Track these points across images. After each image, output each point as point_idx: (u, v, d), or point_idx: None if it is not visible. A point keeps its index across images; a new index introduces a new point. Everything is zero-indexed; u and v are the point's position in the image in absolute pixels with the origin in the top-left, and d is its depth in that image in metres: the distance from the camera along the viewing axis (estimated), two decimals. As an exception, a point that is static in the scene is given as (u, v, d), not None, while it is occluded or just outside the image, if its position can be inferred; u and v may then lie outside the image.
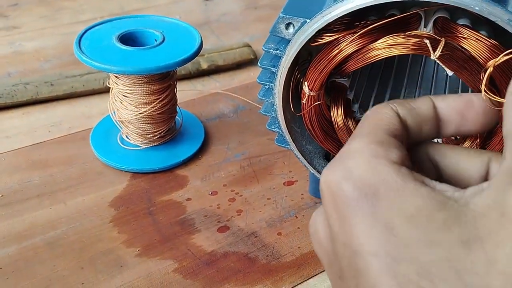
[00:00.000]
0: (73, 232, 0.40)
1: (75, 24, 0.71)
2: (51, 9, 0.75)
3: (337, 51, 0.34)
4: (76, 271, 0.37)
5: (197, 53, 0.44)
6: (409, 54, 0.46)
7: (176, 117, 0.49)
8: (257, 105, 0.55)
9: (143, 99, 0.44)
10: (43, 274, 0.37)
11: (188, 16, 0.74)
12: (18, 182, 0.44)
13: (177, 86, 0.47)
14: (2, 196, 0.43)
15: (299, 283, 0.37)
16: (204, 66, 0.60)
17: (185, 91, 0.56)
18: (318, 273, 0.37)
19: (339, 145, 0.39)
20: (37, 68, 0.61)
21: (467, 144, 0.36)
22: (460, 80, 0.42)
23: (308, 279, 0.37)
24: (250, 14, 0.78)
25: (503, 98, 0.23)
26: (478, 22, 0.33)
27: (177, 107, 0.48)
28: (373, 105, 0.42)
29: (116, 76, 0.44)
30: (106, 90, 0.56)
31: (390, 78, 0.45)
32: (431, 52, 0.31)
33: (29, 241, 0.39)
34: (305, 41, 0.33)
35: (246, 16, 0.77)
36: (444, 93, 0.43)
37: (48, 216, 0.41)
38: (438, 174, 0.25)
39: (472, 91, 0.38)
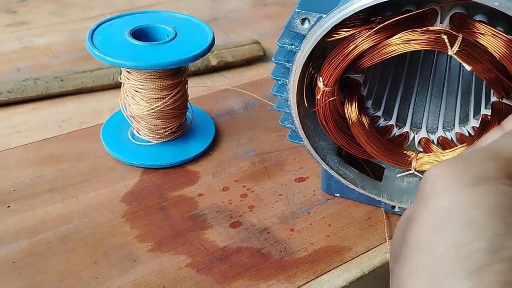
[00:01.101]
0: (86, 227, 0.40)
1: (84, 20, 0.71)
2: (60, 5, 0.75)
3: (353, 46, 0.34)
4: (89, 266, 0.37)
5: (209, 48, 0.44)
6: (423, 51, 0.46)
7: (187, 113, 0.49)
8: (267, 101, 0.55)
9: (155, 94, 0.44)
10: (56, 268, 0.37)
11: (196, 12, 0.74)
12: (29, 176, 0.44)
13: (188, 80, 0.47)
14: (14, 190, 0.43)
15: (313, 279, 0.37)
16: (214, 62, 0.60)
17: (194, 88, 0.56)
18: (332, 269, 0.37)
19: (353, 141, 0.39)
20: (46, 64, 0.61)
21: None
22: (474, 77, 0.42)
23: (322, 275, 0.37)
24: (258, 11, 0.77)
25: None
26: (495, 18, 0.33)
27: (188, 103, 0.48)
28: (386, 101, 0.42)
29: (128, 71, 0.44)
30: (116, 86, 0.56)
31: (403, 75, 0.45)
32: (449, 47, 0.31)
33: (41, 236, 0.39)
34: (321, 37, 0.33)
35: (254, 13, 0.77)
36: (457, 90, 0.43)
37: (60, 211, 0.41)
38: None
39: (487, 86, 0.38)
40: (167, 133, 0.47)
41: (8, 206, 0.41)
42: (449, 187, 0.20)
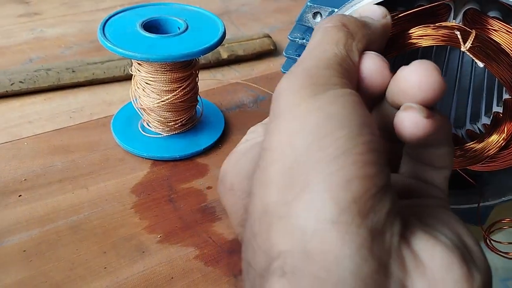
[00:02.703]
0: (96, 217, 0.40)
1: (95, 11, 0.71)
2: (72, -3, 0.75)
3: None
4: (98, 255, 0.37)
5: (220, 41, 0.44)
6: (435, 47, 0.46)
7: (197, 106, 0.49)
8: (277, 95, 0.55)
9: (165, 86, 0.44)
10: (66, 257, 0.37)
11: (207, 6, 0.74)
12: (40, 166, 0.45)
13: (198, 73, 0.47)
14: (25, 180, 0.43)
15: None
16: (224, 56, 0.60)
17: (204, 80, 0.57)
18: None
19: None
20: (58, 54, 0.61)
21: (493, 138, 0.36)
22: (486, 74, 0.42)
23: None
24: (270, 5, 0.77)
25: None
26: (509, 15, 0.33)
27: (198, 96, 0.49)
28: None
29: (139, 63, 0.44)
30: (127, 78, 0.56)
31: (414, 71, 0.45)
32: (462, 43, 0.31)
33: (52, 225, 0.39)
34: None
35: (265, 6, 0.77)
36: (469, 87, 0.43)
37: (70, 201, 0.42)
38: None
39: (499, 84, 0.37)
40: (177, 125, 0.47)
41: (20, 195, 0.42)
42: (301, 97, 0.21)
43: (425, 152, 0.26)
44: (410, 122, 0.22)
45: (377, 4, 0.31)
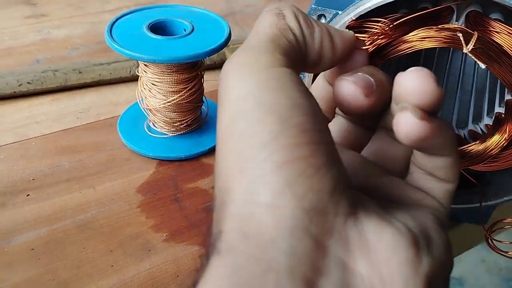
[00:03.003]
0: (102, 216, 0.41)
1: (101, 13, 0.72)
2: (78, -2, 0.76)
3: (369, 43, 0.34)
4: (105, 254, 0.38)
5: (226, 43, 0.44)
6: (438, 48, 0.46)
7: (202, 106, 0.50)
8: (281, 96, 0.55)
9: (171, 87, 0.45)
10: (74, 255, 0.38)
11: (212, 7, 0.75)
12: (48, 166, 0.45)
13: (204, 74, 0.48)
14: (33, 179, 0.44)
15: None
16: (229, 56, 0.61)
17: (210, 81, 0.57)
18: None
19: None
20: (65, 55, 0.62)
21: (495, 138, 0.36)
22: (488, 75, 0.42)
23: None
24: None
25: None
26: (511, 17, 0.33)
27: (203, 96, 0.49)
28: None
29: (145, 65, 0.45)
30: (133, 79, 0.57)
31: (417, 72, 0.45)
32: (464, 45, 0.32)
33: (59, 224, 0.40)
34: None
35: (270, 8, 0.77)
36: (471, 88, 0.43)
37: (77, 200, 0.42)
38: None
39: (502, 85, 0.38)
40: (183, 126, 0.48)
41: (28, 195, 0.42)
42: (239, 78, 0.21)
43: (428, 161, 0.26)
44: (405, 122, 0.22)
45: (379, 7, 0.32)
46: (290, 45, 0.24)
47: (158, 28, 0.46)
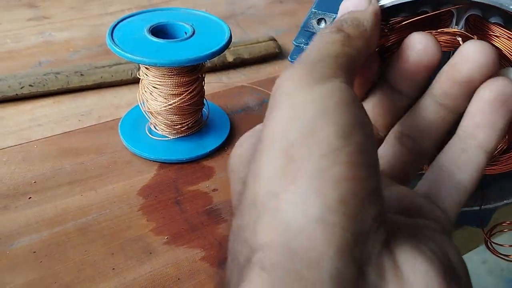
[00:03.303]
0: (104, 219, 0.41)
1: (103, 15, 0.72)
2: (80, 1, 0.76)
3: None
4: (107, 257, 0.38)
5: (226, 46, 0.45)
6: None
7: (203, 109, 0.50)
8: (282, 98, 0.55)
9: (172, 90, 0.45)
10: (75, 258, 0.38)
11: (214, 9, 0.75)
12: (50, 169, 0.46)
13: (204, 77, 0.48)
14: (35, 182, 0.44)
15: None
16: (230, 59, 0.61)
17: (211, 84, 0.57)
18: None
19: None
20: (67, 58, 0.62)
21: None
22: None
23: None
24: (276, 7, 0.78)
25: None
26: (511, 21, 0.33)
27: (204, 99, 0.49)
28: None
29: (146, 68, 0.45)
30: (134, 81, 0.57)
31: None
32: (463, 49, 0.32)
33: (61, 227, 0.40)
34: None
35: (271, 9, 0.77)
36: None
37: (79, 203, 0.42)
38: None
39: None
40: (184, 128, 0.48)
41: (30, 198, 0.43)
42: (299, 87, 0.21)
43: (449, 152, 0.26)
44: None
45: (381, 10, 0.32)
46: (351, 62, 0.23)
47: (159, 31, 0.46)
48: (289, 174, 0.19)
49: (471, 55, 0.25)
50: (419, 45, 0.27)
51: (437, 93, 0.27)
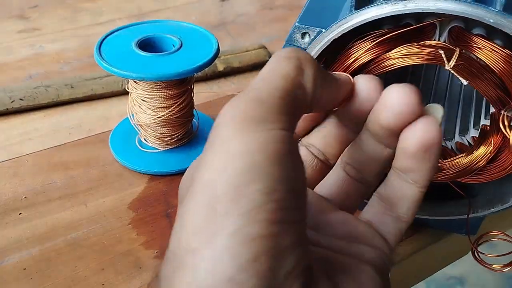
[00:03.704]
0: (94, 234, 0.41)
1: (94, 26, 0.72)
2: (71, 11, 0.76)
3: (352, 59, 0.34)
4: (96, 272, 0.38)
5: (214, 59, 0.45)
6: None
7: (193, 120, 0.50)
8: (273, 107, 0.56)
9: (161, 103, 0.45)
10: (65, 275, 0.38)
11: (204, 17, 0.75)
12: (40, 184, 0.46)
13: (193, 88, 0.48)
14: (25, 197, 0.44)
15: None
16: (220, 68, 0.61)
17: (201, 93, 0.57)
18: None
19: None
20: (58, 70, 0.63)
21: (481, 150, 0.36)
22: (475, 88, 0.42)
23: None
24: (266, 14, 0.78)
25: None
26: (493, 32, 0.34)
27: (194, 110, 0.49)
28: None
29: (135, 82, 0.45)
30: (125, 93, 0.57)
31: (405, 83, 0.46)
32: (446, 62, 0.32)
33: (51, 242, 0.40)
34: (321, 50, 0.34)
35: (262, 16, 0.78)
36: (458, 100, 0.44)
37: (69, 218, 0.42)
38: None
39: (487, 101, 0.38)
40: (173, 140, 0.48)
41: (20, 214, 0.43)
42: (237, 131, 0.20)
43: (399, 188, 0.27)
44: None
45: (363, 24, 0.32)
46: (296, 102, 0.23)
47: (147, 44, 0.46)
48: (209, 230, 0.19)
49: (389, 102, 0.25)
50: (362, 93, 0.26)
51: (370, 129, 0.27)
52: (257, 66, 0.64)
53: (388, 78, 0.45)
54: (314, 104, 0.24)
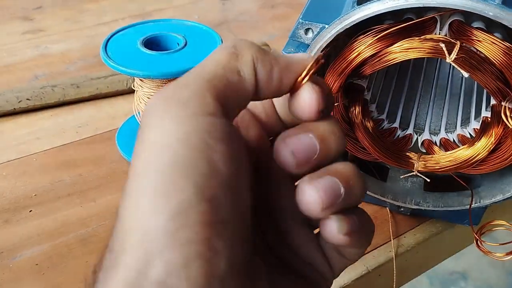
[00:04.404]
0: (103, 229, 0.42)
1: (98, 26, 0.73)
2: (75, 12, 0.77)
3: (355, 54, 0.35)
4: (107, 267, 0.39)
5: (218, 56, 0.45)
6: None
7: (198, 117, 0.51)
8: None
9: (167, 101, 0.46)
10: (77, 269, 0.39)
11: (206, 16, 0.76)
12: (49, 181, 0.47)
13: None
14: (35, 195, 0.45)
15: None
16: (224, 66, 0.62)
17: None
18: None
19: (358, 144, 0.40)
20: (63, 70, 0.63)
21: (483, 142, 0.37)
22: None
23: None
24: (267, 12, 0.79)
25: None
26: (493, 25, 0.34)
27: (199, 107, 0.50)
28: (389, 104, 0.43)
29: (141, 80, 0.46)
30: (130, 91, 0.58)
31: (407, 78, 0.46)
32: (447, 55, 0.32)
33: (62, 238, 0.41)
34: (324, 46, 0.35)
35: (263, 15, 0.78)
36: (460, 92, 0.44)
37: (79, 214, 0.43)
38: None
39: (487, 93, 0.39)
40: (180, 137, 0.49)
41: (30, 211, 0.44)
42: (161, 123, 0.19)
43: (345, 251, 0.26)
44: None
45: (365, 19, 0.33)
46: (230, 87, 0.21)
47: (152, 43, 0.47)
48: (139, 231, 0.18)
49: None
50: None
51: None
52: (259, 64, 0.64)
53: (390, 72, 0.46)
54: (260, 89, 0.22)
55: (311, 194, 0.22)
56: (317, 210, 0.22)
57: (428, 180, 0.39)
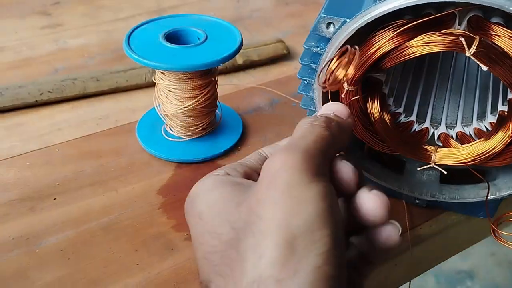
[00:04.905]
0: (126, 218, 0.43)
1: (115, 21, 0.74)
2: (92, 7, 0.78)
3: (375, 48, 0.36)
4: (131, 253, 0.40)
5: (238, 50, 0.46)
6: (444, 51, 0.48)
7: (216, 110, 0.52)
8: (291, 98, 0.57)
9: (187, 94, 0.47)
10: (101, 255, 0.40)
11: (221, 13, 0.77)
12: (72, 171, 0.48)
13: (217, 80, 0.50)
14: (58, 184, 0.46)
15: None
16: (240, 61, 0.63)
17: (222, 86, 0.59)
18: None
19: (375, 136, 0.41)
20: (82, 64, 0.65)
21: (499, 135, 0.38)
22: (492, 74, 0.44)
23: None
24: (282, 10, 0.80)
25: None
26: (511, 20, 0.35)
27: (217, 101, 0.51)
28: (406, 98, 0.44)
29: (162, 73, 0.47)
30: (148, 85, 0.59)
31: (423, 73, 0.47)
32: (466, 49, 0.33)
33: (85, 226, 0.42)
34: (345, 40, 0.36)
35: (277, 12, 0.79)
36: (475, 86, 0.45)
37: (101, 203, 0.44)
38: None
39: (504, 88, 0.39)
40: (198, 129, 0.50)
41: (54, 199, 0.45)
42: (299, 180, 0.25)
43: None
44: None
45: (385, 14, 0.34)
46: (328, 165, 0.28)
47: (173, 37, 0.48)
48: (291, 264, 0.23)
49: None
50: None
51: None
52: (275, 60, 0.66)
53: (407, 67, 0.47)
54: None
55: (377, 200, 0.29)
56: (385, 213, 0.29)
57: (445, 172, 0.40)
